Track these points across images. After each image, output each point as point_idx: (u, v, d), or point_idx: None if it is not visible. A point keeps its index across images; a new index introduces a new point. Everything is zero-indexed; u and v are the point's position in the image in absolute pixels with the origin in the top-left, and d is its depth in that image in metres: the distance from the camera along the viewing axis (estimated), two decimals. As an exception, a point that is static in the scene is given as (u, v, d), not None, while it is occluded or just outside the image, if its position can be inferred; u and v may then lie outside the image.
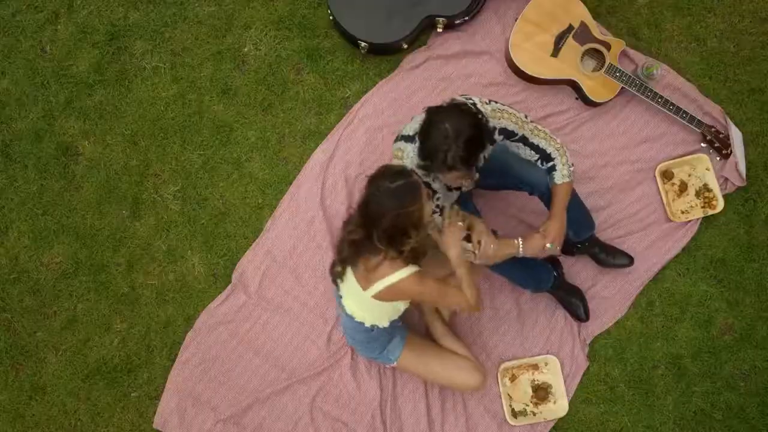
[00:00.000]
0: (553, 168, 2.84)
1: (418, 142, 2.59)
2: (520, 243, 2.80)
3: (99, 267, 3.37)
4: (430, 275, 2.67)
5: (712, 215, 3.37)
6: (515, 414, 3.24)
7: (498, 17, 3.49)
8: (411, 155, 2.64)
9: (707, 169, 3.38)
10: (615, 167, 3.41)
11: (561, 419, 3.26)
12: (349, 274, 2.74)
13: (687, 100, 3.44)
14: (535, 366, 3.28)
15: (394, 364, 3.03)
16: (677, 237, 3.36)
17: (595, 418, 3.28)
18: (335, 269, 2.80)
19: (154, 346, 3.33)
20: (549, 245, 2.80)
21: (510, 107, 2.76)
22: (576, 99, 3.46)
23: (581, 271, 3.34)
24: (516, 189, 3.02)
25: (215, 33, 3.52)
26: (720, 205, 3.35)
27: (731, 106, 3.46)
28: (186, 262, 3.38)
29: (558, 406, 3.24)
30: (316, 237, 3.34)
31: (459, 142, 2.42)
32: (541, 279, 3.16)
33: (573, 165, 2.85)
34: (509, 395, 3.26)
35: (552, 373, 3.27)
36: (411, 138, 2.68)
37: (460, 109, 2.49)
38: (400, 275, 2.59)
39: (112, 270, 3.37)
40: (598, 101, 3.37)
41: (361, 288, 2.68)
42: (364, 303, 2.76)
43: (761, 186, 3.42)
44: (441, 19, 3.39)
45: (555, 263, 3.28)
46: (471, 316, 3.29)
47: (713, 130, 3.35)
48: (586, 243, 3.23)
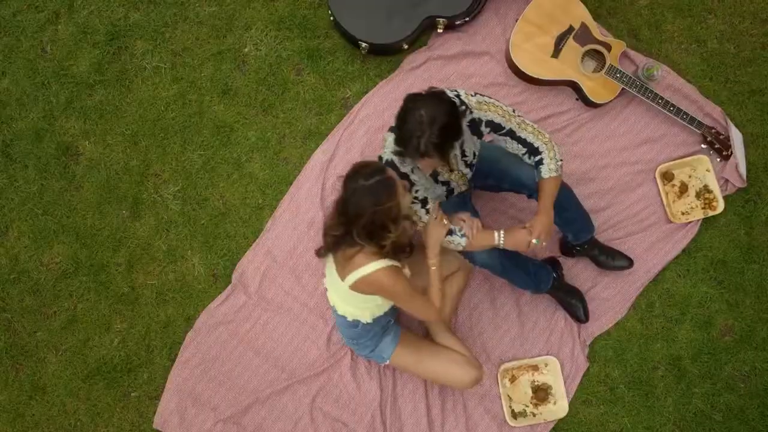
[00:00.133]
0: (540, 162, 2.83)
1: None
2: (501, 235, 2.81)
3: (99, 267, 3.37)
4: (403, 274, 2.68)
5: (712, 216, 3.36)
6: (515, 415, 3.24)
7: (498, 18, 3.49)
8: (391, 144, 2.66)
9: (707, 171, 3.38)
10: (615, 168, 3.41)
11: (561, 420, 3.25)
12: (330, 264, 2.76)
13: (687, 101, 3.44)
14: (535, 367, 3.28)
15: (387, 362, 3.03)
16: (677, 238, 3.35)
17: (595, 419, 3.28)
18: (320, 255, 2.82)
19: (154, 346, 3.33)
20: (535, 241, 2.81)
21: (496, 100, 2.77)
22: (576, 100, 3.45)
23: (581, 273, 3.34)
24: (515, 191, 3.02)
25: (216, 33, 3.52)
26: (720, 207, 3.35)
27: (732, 107, 3.46)
28: (186, 262, 3.38)
29: (558, 407, 3.24)
30: (316, 238, 3.34)
31: (433, 128, 2.43)
32: (541, 280, 3.16)
33: (562, 160, 2.84)
34: (509, 396, 3.26)
35: (552, 374, 3.26)
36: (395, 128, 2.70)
37: (436, 97, 2.50)
38: (374, 266, 2.60)
39: (112, 270, 3.37)
40: (598, 102, 3.37)
41: (340, 278, 2.71)
42: (342, 294, 2.78)
43: (761, 187, 3.41)
44: (441, 20, 3.39)
45: (555, 264, 3.28)
46: (471, 315, 3.30)
47: (714, 131, 3.35)
48: (585, 245, 3.23)
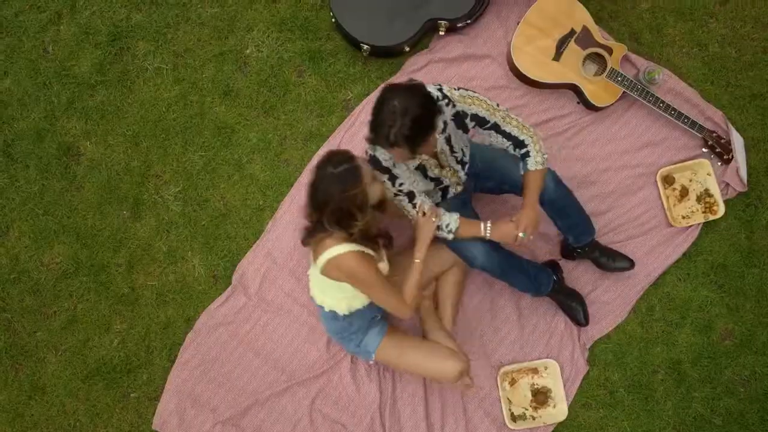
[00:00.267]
0: (527, 154, 2.84)
1: None
2: (487, 226, 2.85)
3: (99, 267, 3.37)
4: (373, 263, 2.71)
5: (713, 220, 3.36)
6: (514, 418, 3.24)
7: (500, 21, 3.50)
8: None
9: (708, 175, 3.38)
10: (616, 172, 3.41)
11: (560, 424, 3.25)
12: (310, 254, 2.82)
13: (688, 105, 3.44)
14: (535, 370, 3.28)
15: (373, 357, 3.00)
16: (678, 242, 3.35)
17: (595, 422, 3.28)
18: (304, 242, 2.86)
19: (153, 346, 3.33)
20: (521, 234, 2.82)
21: (480, 94, 2.79)
22: (577, 103, 3.46)
23: (581, 276, 3.34)
24: (515, 193, 3.02)
25: (217, 34, 3.53)
26: (721, 211, 3.35)
27: (733, 111, 3.46)
28: (186, 263, 3.38)
29: (557, 410, 3.24)
30: (316, 239, 3.35)
31: (405, 119, 2.45)
32: (541, 283, 3.16)
33: (546, 154, 2.86)
34: (509, 399, 3.25)
35: (552, 378, 3.26)
36: None
37: (412, 90, 2.52)
38: (340, 249, 2.66)
39: (112, 270, 3.38)
40: (599, 106, 3.37)
41: (314, 262, 2.76)
42: (319, 283, 2.83)
43: (762, 191, 3.41)
44: (443, 23, 3.40)
45: (555, 267, 3.27)
46: (471, 318, 3.29)
47: (714, 135, 3.35)
48: (586, 247, 3.22)
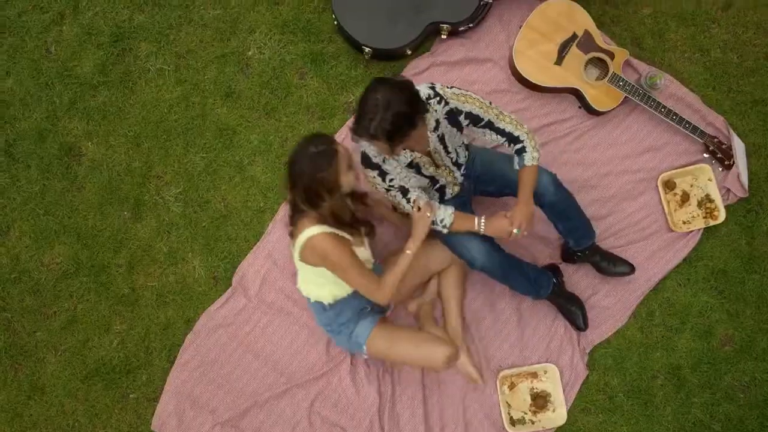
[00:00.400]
0: (523, 150, 2.84)
1: None
2: (481, 220, 2.85)
3: (100, 268, 3.37)
4: (347, 246, 2.72)
5: (713, 226, 3.36)
6: (513, 422, 3.23)
7: (502, 25, 3.50)
8: None
9: (709, 180, 3.38)
10: (617, 176, 3.41)
11: (559, 428, 3.24)
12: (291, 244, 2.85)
13: (690, 110, 3.44)
14: (534, 374, 3.27)
15: (365, 350, 2.98)
16: (678, 247, 3.35)
17: (594, 427, 3.27)
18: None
19: (153, 347, 3.33)
20: (515, 230, 2.82)
21: (473, 93, 2.79)
22: (579, 108, 3.46)
23: (581, 280, 3.33)
24: (516, 196, 3.01)
25: (220, 36, 3.53)
26: (722, 216, 3.34)
27: (734, 116, 3.46)
28: (187, 264, 3.38)
29: (557, 414, 3.24)
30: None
31: (386, 114, 2.45)
32: (541, 286, 3.16)
33: (539, 151, 2.86)
34: (508, 403, 3.25)
35: (551, 382, 3.26)
36: None
37: (399, 86, 2.52)
38: (313, 230, 2.70)
39: (112, 271, 3.38)
40: (601, 110, 3.37)
41: (293, 247, 2.80)
42: (302, 272, 2.86)
43: (763, 197, 3.41)
44: (445, 26, 3.40)
45: (555, 271, 3.27)
46: (471, 321, 3.29)
47: (716, 140, 3.35)
48: (586, 251, 3.22)
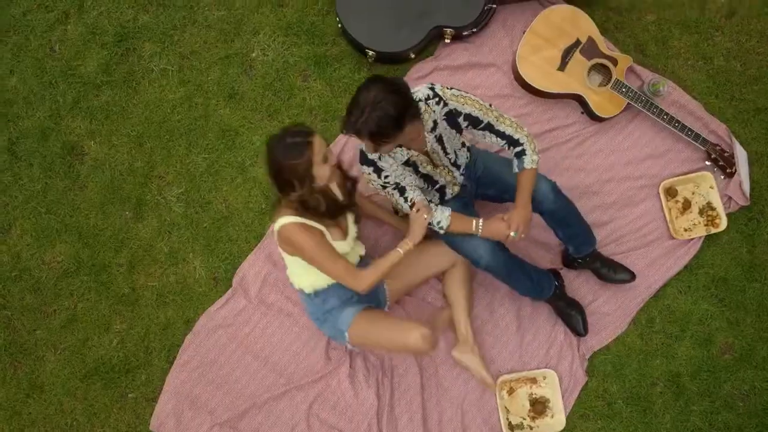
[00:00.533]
0: (523, 152, 2.83)
1: None
2: (479, 223, 2.85)
3: (100, 267, 3.38)
4: (316, 234, 2.73)
5: (714, 234, 3.36)
6: (512, 427, 3.23)
7: (506, 30, 3.50)
8: None
9: (711, 188, 3.38)
10: (619, 183, 3.41)
11: (558, 434, 3.25)
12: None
13: (692, 117, 3.44)
14: (534, 380, 3.27)
15: (346, 338, 2.97)
16: (679, 254, 3.35)
17: (592, 433, 3.27)
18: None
19: (152, 347, 3.33)
20: (513, 234, 2.82)
21: (473, 95, 2.79)
22: (582, 113, 3.46)
23: (582, 286, 3.33)
24: (514, 201, 3.02)
25: (224, 37, 3.54)
26: (723, 224, 3.34)
27: (737, 125, 3.46)
28: (187, 264, 3.38)
29: (555, 420, 3.23)
30: (317, 244, 3.34)
31: (373, 114, 2.44)
32: (543, 287, 3.15)
33: (539, 156, 2.86)
34: (506, 408, 3.25)
35: (550, 388, 3.25)
36: None
37: (393, 88, 2.49)
38: (283, 220, 2.73)
39: (113, 270, 3.38)
40: (603, 116, 3.37)
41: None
42: (284, 257, 2.90)
43: (765, 206, 3.41)
44: (449, 30, 3.40)
45: (556, 276, 3.27)
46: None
47: (718, 148, 3.35)
48: (587, 258, 3.22)
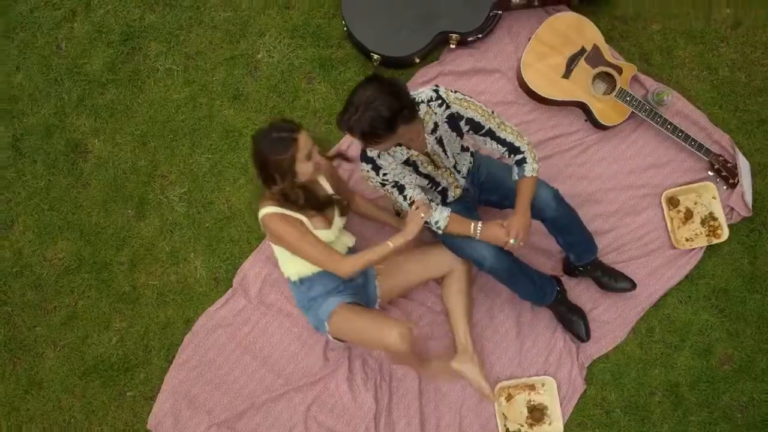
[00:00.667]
0: (523, 161, 2.83)
1: None
2: (478, 226, 2.85)
3: (101, 265, 3.38)
4: (296, 225, 2.76)
5: (716, 244, 3.36)
6: (509, 434, 3.23)
7: (511, 36, 3.51)
8: None
9: (713, 198, 3.38)
10: (621, 191, 3.41)
11: (555, 441, 3.24)
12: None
13: (696, 127, 3.44)
14: (532, 386, 3.27)
15: (326, 327, 2.95)
16: (680, 264, 3.34)
17: (590, 442, 3.27)
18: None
19: (152, 346, 3.33)
20: (512, 241, 2.82)
21: (477, 101, 2.78)
22: (585, 121, 3.46)
23: (582, 294, 3.33)
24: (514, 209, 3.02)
25: (229, 38, 3.54)
26: (725, 235, 3.34)
27: (740, 135, 3.46)
28: (188, 264, 3.39)
29: (553, 428, 3.23)
30: (319, 246, 3.34)
31: (366, 114, 2.43)
32: (545, 292, 3.15)
33: (539, 164, 2.86)
34: (504, 414, 3.24)
35: (548, 395, 3.25)
36: None
37: (391, 89, 2.47)
38: (263, 211, 2.79)
39: (114, 268, 3.39)
40: (607, 125, 3.37)
41: None
42: (275, 248, 2.96)
43: (767, 217, 3.40)
44: (454, 36, 3.41)
45: (558, 282, 3.27)
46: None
47: (721, 159, 3.35)
48: (588, 266, 3.22)
